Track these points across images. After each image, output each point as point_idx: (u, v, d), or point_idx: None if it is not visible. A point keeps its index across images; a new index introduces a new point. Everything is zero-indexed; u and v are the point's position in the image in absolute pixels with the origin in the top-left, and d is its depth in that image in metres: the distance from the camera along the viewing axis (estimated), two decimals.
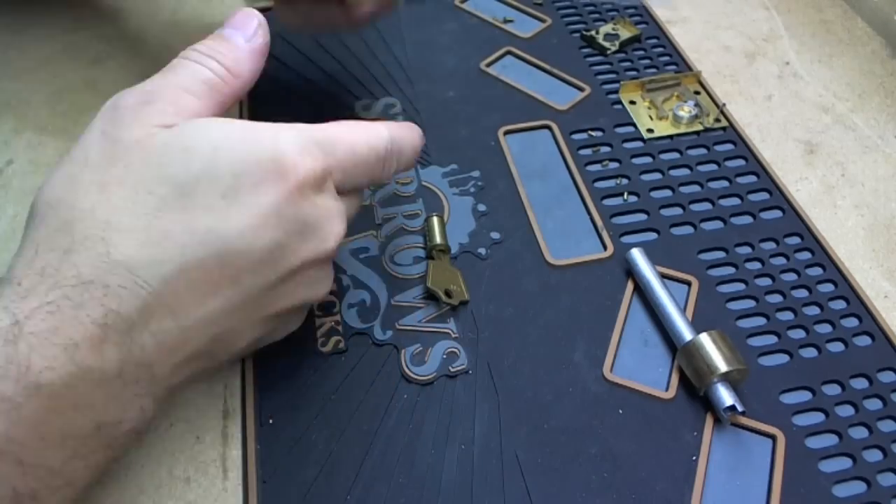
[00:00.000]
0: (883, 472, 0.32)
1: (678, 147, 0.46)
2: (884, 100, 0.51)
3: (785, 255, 0.40)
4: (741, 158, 0.45)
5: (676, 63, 0.52)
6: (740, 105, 0.50)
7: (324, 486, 0.31)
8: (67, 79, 0.49)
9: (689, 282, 0.39)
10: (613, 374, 0.35)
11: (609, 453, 0.32)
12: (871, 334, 0.37)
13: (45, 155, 0.45)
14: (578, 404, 0.34)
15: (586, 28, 0.54)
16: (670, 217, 0.42)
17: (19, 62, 0.51)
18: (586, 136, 0.46)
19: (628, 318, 0.38)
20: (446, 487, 0.31)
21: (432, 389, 0.34)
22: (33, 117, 0.47)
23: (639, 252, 0.38)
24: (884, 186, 0.45)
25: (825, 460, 0.33)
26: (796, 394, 0.35)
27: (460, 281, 0.38)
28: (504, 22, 0.54)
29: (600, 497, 0.31)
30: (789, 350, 0.36)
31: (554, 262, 0.39)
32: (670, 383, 0.35)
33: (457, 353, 0.36)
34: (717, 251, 0.40)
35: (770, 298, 0.38)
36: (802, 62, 0.54)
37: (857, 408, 0.34)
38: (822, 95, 0.51)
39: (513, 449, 0.32)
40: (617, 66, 0.51)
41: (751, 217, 0.42)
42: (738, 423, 0.34)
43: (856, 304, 0.38)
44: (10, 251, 0.40)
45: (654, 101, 0.48)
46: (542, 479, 0.32)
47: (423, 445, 0.32)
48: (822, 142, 0.48)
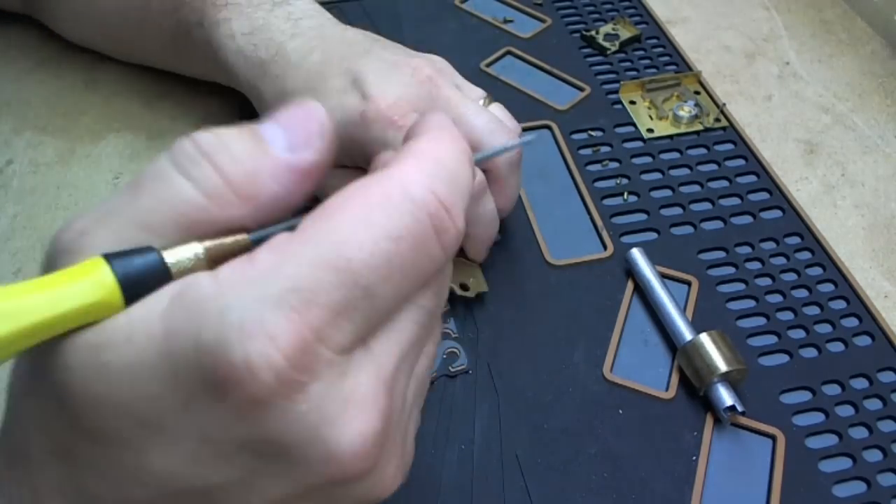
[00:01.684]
0: (883, 472, 0.32)
1: (678, 147, 0.46)
2: (884, 100, 0.51)
3: (785, 254, 0.40)
4: (741, 158, 0.45)
5: (676, 63, 0.52)
6: (740, 105, 0.50)
7: None
8: (67, 79, 0.49)
9: (689, 282, 0.39)
10: (613, 374, 0.35)
11: (609, 453, 0.32)
12: (871, 334, 0.37)
13: (45, 155, 0.45)
14: (578, 404, 0.34)
15: (586, 28, 0.54)
16: (670, 217, 0.42)
17: (19, 62, 0.50)
18: (586, 136, 0.46)
19: (628, 318, 0.38)
20: (446, 487, 0.31)
21: (432, 389, 0.34)
22: (33, 117, 0.47)
23: (639, 252, 0.38)
24: (884, 186, 0.45)
25: (825, 460, 0.33)
26: (796, 394, 0.35)
27: (479, 273, 0.38)
28: (504, 22, 0.54)
29: (600, 497, 0.31)
30: (789, 350, 0.36)
31: (554, 262, 0.39)
32: (670, 383, 0.35)
33: (457, 353, 0.35)
34: (717, 251, 0.40)
35: (770, 298, 0.38)
36: (802, 62, 0.54)
37: (857, 408, 0.34)
38: (822, 95, 0.51)
39: (513, 449, 0.32)
40: (617, 66, 0.51)
41: (751, 217, 0.42)
42: (738, 423, 0.34)
43: (856, 304, 0.38)
44: (9, 251, 0.40)
45: (654, 101, 0.48)
46: (542, 479, 0.32)
47: (423, 445, 0.32)
48: (822, 142, 0.48)
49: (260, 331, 0.16)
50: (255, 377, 0.16)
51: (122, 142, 0.46)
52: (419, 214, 0.18)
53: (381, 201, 0.18)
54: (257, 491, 0.18)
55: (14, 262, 0.40)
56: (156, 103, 0.48)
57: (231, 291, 0.17)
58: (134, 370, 0.17)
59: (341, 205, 0.18)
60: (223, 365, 0.16)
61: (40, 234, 0.41)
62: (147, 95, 0.48)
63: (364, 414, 0.18)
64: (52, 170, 0.45)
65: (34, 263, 0.40)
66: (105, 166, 0.45)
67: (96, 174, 0.45)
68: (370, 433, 0.18)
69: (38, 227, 0.42)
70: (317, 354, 0.17)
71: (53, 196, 0.43)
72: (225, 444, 0.18)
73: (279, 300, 0.17)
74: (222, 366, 0.16)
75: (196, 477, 0.18)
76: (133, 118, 0.47)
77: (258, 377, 0.16)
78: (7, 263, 0.40)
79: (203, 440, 0.18)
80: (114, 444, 0.18)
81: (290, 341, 0.16)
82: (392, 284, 0.18)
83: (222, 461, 0.18)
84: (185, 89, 0.48)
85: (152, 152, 0.46)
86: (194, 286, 0.17)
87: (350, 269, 0.17)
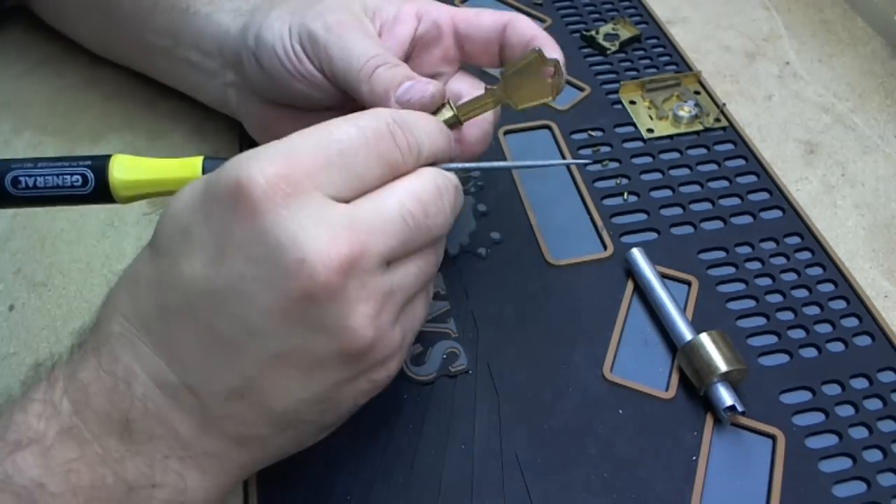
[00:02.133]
0: (883, 472, 0.32)
1: (678, 147, 0.46)
2: (884, 100, 0.51)
3: (785, 254, 0.40)
4: (741, 158, 0.45)
5: (676, 63, 0.52)
6: (740, 105, 0.50)
7: (324, 485, 0.31)
8: (67, 79, 0.49)
9: (689, 282, 0.39)
10: (613, 374, 0.35)
11: (609, 453, 0.32)
12: (871, 334, 0.37)
13: (45, 155, 0.45)
14: (578, 404, 0.34)
15: (586, 28, 0.54)
16: (670, 217, 0.42)
17: (19, 62, 0.50)
18: (586, 136, 0.46)
19: (628, 318, 0.38)
20: (446, 487, 0.31)
21: (432, 389, 0.34)
22: (33, 117, 0.47)
23: (639, 252, 0.38)
24: (884, 186, 0.45)
25: (825, 460, 0.33)
26: (796, 394, 0.35)
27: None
28: None
29: (600, 497, 0.31)
30: (789, 350, 0.36)
31: (554, 262, 0.39)
32: (670, 383, 0.35)
33: (457, 353, 0.35)
34: (717, 251, 0.40)
35: (770, 298, 0.38)
36: (802, 62, 0.54)
37: (857, 408, 0.34)
38: (822, 95, 0.51)
39: (513, 449, 0.32)
40: (617, 66, 0.51)
41: (751, 217, 0.42)
42: (738, 423, 0.34)
43: (856, 303, 0.38)
44: (10, 251, 0.40)
45: (654, 101, 0.48)
46: (542, 479, 0.32)
47: (423, 445, 0.32)
48: (822, 142, 0.48)
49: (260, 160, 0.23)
50: (253, 184, 0.23)
51: (122, 142, 0.46)
52: (380, 122, 0.26)
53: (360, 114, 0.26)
54: (248, 297, 0.23)
55: (14, 262, 0.40)
56: (156, 103, 0.48)
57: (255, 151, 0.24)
58: (185, 193, 0.25)
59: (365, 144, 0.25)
60: (232, 180, 0.23)
61: (40, 234, 0.41)
62: (148, 96, 0.48)
63: (336, 239, 0.23)
64: None
65: (34, 263, 0.40)
66: None
67: None
68: (336, 255, 0.23)
69: (38, 227, 0.42)
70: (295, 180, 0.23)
71: None
72: (229, 248, 0.23)
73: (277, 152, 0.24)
74: (232, 181, 0.23)
75: (210, 280, 0.23)
76: (133, 118, 0.47)
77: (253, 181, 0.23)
78: (7, 263, 0.40)
79: (215, 245, 0.23)
80: (163, 254, 0.24)
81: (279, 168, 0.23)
82: (362, 156, 0.25)
83: (226, 267, 0.23)
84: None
85: (152, 152, 0.46)
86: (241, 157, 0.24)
87: (332, 137, 0.25)
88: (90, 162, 0.29)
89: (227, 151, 0.46)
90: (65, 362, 0.25)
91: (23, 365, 0.36)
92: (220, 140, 0.46)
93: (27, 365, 0.36)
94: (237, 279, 0.23)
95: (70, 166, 0.29)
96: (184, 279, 0.24)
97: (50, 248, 0.41)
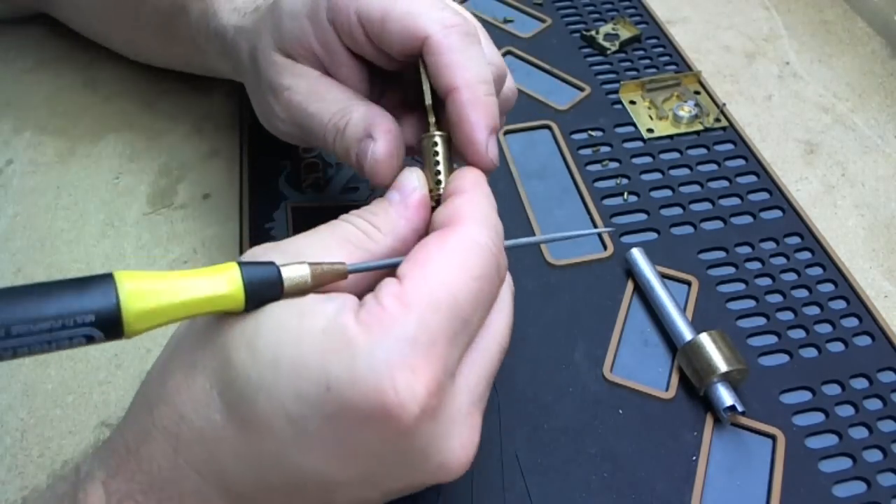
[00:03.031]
0: (883, 472, 0.32)
1: (678, 147, 0.46)
2: (884, 100, 0.51)
3: (785, 254, 0.40)
4: (741, 158, 0.45)
5: (676, 63, 0.52)
6: (740, 105, 0.50)
7: None
8: (67, 79, 0.49)
9: (689, 282, 0.39)
10: (613, 374, 0.35)
11: (609, 453, 0.32)
12: (871, 334, 0.37)
13: (45, 155, 0.45)
14: (578, 404, 0.34)
15: (586, 28, 0.54)
16: (670, 217, 0.42)
17: (19, 62, 0.51)
18: (586, 136, 0.46)
19: (628, 318, 0.38)
20: (446, 487, 0.31)
21: None
22: (33, 117, 0.47)
23: (639, 252, 0.38)
24: (884, 186, 0.45)
25: (825, 460, 0.33)
26: (796, 394, 0.35)
27: None
28: (504, 22, 0.54)
29: (600, 497, 0.31)
30: (789, 350, 0.36)
31: (554, 262, 0.39)
32: (670, 383, 0.35)
33: None
34: (717, 251, 0.40)
35: (770, 298, 0.38)
36: (802, 62, 0.54)
37: (857, 408, 0.34)
38: (822, 95, 0.51)
39: (513, 449, 0.32)
40: (617, 66, 0.51)
41: (751, 217, 0.42)
42: (738, 423, 0.34)
43: (856, 303, 0.38)
44: (10, 251, 0.40)
45: (654, 101, 0.48)
46: (542, 479, 0.32)
47: None
48: (822, 142, 0.48)
49: (404, 365, 0.21)
50: (404, 408, 0.21)
51: (122, 142, 0.46)
52: (488, 257, 0.24)
53: (462, 250, 0.24)
54: (374, 486, 0.23)
55: (14, 262, 0.40)
56: (156, 103, 0.48)
57: (375, 334, 0.21)
58: (297, 370, 0.21)
59: (430, 255, 0.23)
60: (376, 401, 0.21)
61: (40, 234, 0.41)
62: (147, 95, 0.48)
63: (465, 428, 0.23)
64: (52, 170, 0.45)
65: (34, 263, 0.40)
66: (105, 166, 0.45)
67: (96, 174, 0.45)
68: (470, 445, 0.23)
69: (38, 227, 0.42)
70: (442, 382, 0.22)
71: (53, 196, 0.43)
72: (361, 449, 0.22)
73: (414, 340, 0.21)
74: (374, 401, 0.21)
75: (324, 473, 0.22)
76: (133, 118, 0.47)
77: (406, 408, 0.21)
78: (7, 263, 0.40)
79: (340, 446, 0.22)
80: (261, 431, 0.22)
81: (428, 374, 0.21)
82: (480, 312, 0.24)
83: (352, 464, 0.22)
84: (185, 89, 0.48)
85: (152, 152, 0.46)
86: (342, 325, 0.22)
87: (457, 306, 0.22)
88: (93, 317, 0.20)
89: (226, 150, 0.46)
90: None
91: (22, 364, 0.36)
92: (219, 140, 0.46)
93: (27, 365, 0.36)
94: (368, 475, 0.23)
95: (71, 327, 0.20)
96: (298, 467, 0.22)
97: (50, 248, 0.41)
